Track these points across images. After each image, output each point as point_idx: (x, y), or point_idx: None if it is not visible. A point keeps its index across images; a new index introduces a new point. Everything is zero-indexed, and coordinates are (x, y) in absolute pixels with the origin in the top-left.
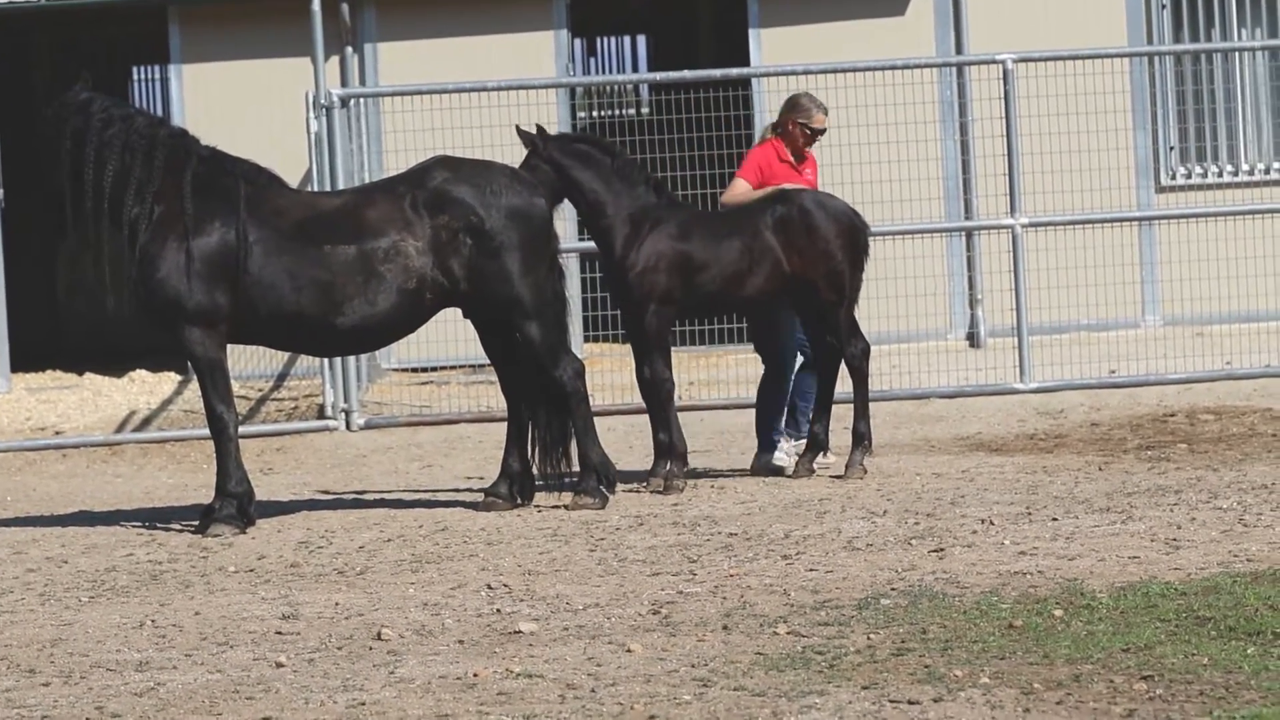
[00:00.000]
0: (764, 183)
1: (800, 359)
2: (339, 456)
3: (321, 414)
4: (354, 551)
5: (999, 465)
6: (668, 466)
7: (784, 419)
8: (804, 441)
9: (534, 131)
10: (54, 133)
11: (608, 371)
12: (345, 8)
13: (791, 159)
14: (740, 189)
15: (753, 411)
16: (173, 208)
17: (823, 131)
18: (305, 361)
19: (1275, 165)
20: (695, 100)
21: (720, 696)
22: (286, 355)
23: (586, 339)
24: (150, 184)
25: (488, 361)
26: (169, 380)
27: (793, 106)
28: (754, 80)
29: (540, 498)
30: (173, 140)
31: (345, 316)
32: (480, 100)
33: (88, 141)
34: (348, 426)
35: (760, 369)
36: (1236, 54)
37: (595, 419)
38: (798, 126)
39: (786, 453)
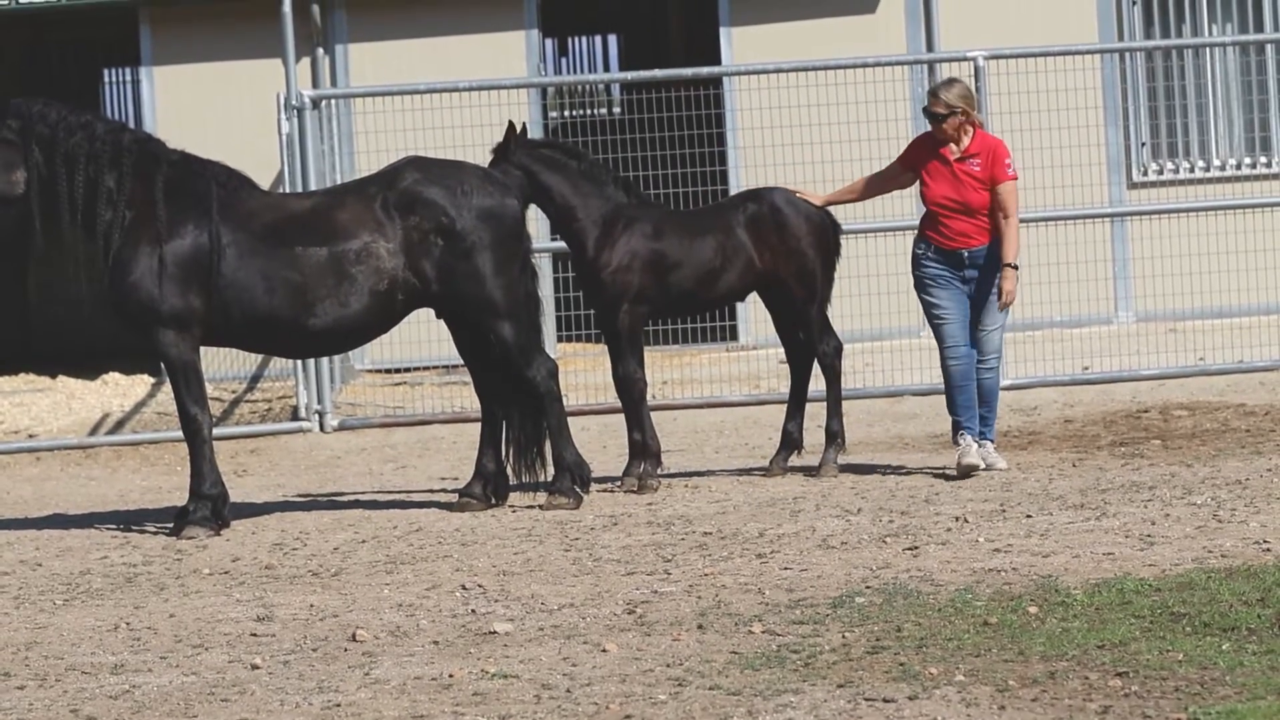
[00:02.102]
0: (911, 168)
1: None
2: (313, 458)
3: (295, 415)
4: (328, 553)
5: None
6: (642, 466)
7: (967, 414)
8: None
9: (505, 134)
10: (20, 143)
11: (581, 371)
12: (316, 9)
13: (949, 146)
14: (883, 170)
15: (725, 410)
16: (144, 213)
17: (940, 116)
18: (279, 363)
19: (1246, 161)
20: (667, 99)
21: (696, 696)
22: (260, 357)
23: (560, 339)
24: (121, 190)
25: (461, 362)
26: (142, 382)
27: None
28: (725, 79)
29: (514, 498)
30: (138, 145)
31: (317, 318)
32: (451, 100)
33: (56, 151)
34: (321, 428)
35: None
36: (1207, 50)
37: (569, 419)
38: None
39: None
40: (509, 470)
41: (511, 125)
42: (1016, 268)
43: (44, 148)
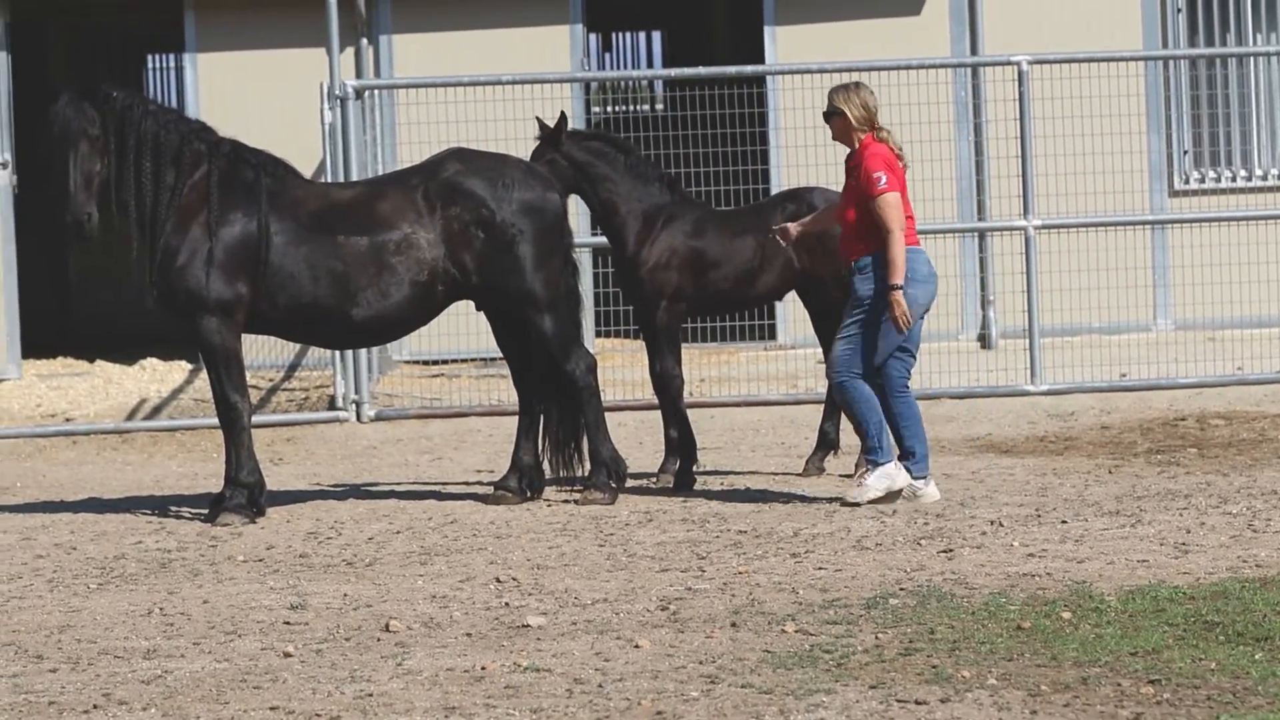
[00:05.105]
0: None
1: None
2: (349, 448)
3: (332, 405)
4: (363, 543)
5: (1009, 467)
6: (678, 463)
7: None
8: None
9: (556, 122)
10: (100, 131)
11: (619, 367)
12: None
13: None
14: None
15: (762, 409)
16: (195, 200)
17: (826, 118)
18: (316, 352)
19: None
20: (710, 97)
21: (727, 693)
22: (298, 346)
23: (598, 334)
24: (180, 178)
25: (499, 355)
26: (180, 369)
27: None
28: (769, 78)
29: (550, 492)
30: (195, 135)
31: (360, 308)
32: (495, 94)
33: (128, 138)
34: (358, 418)
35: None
36: (1251, 59)
37: (606, 414)
38: None
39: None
40: (545, 464)
41: (563, 114)
42: (899, 288)
43: (118, 135)
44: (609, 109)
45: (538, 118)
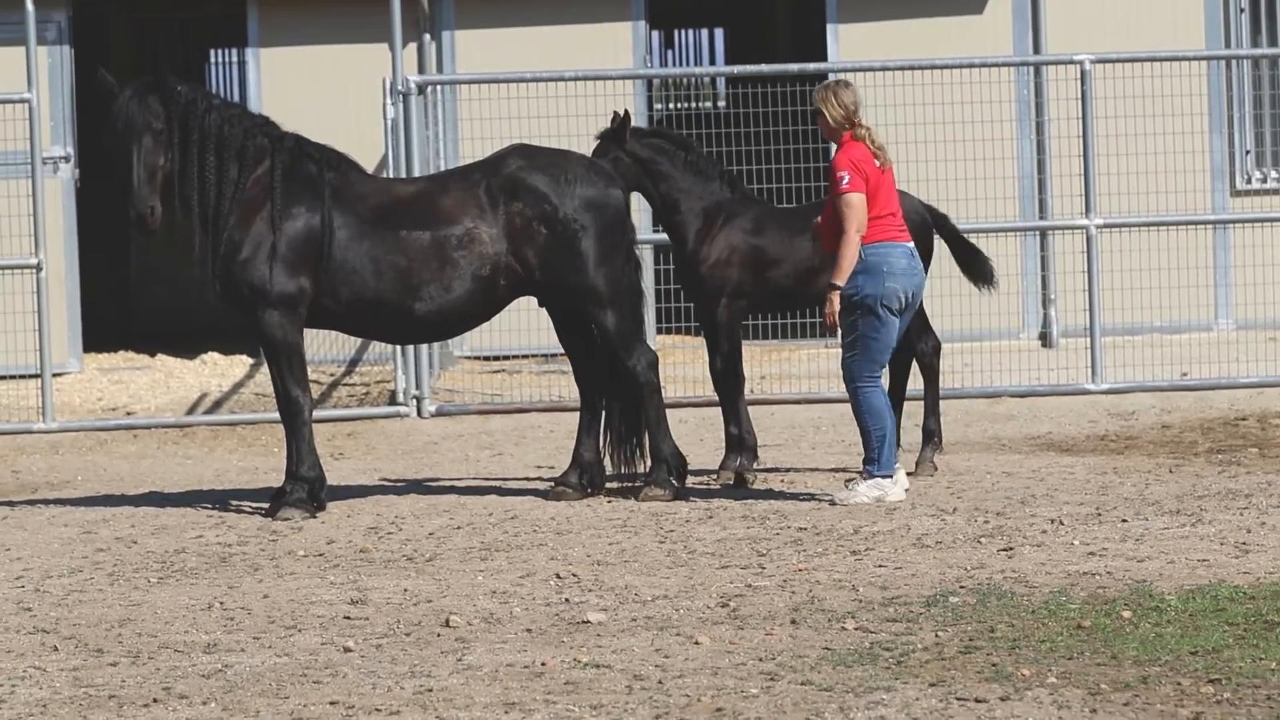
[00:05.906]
0: None
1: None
2: (410, 443)
3: (393, 400)
4: (423, 538)
5: (1069, 465)
6: (738, 460)
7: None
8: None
9: (619, 118)
10: (164, 125)
11: (680, 364)
12: None
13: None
14: None
15: (823, 406)
16: (258, 195)
17: (812, 117)
18: (377, 347)
19: None
20: (771, 94)
21: (787, 690)
22: (359, 340)
23: (659, 330)
24: (243, 174)
25: (560, 351)
26: (240, 363)
27: None
28: (831, 76)
29: (610, 488)
30: (258, 130)
31: (423, 302)
32: (557, 90)
33: (191, 133)
34: (419, 413)
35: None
36: None
37: (667, 410)
38: None
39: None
40: (606, 460)
41: (626, 112)
42: (836, 288)
43: (182, 129)
44: (671, 106)
45: (627, 110)
